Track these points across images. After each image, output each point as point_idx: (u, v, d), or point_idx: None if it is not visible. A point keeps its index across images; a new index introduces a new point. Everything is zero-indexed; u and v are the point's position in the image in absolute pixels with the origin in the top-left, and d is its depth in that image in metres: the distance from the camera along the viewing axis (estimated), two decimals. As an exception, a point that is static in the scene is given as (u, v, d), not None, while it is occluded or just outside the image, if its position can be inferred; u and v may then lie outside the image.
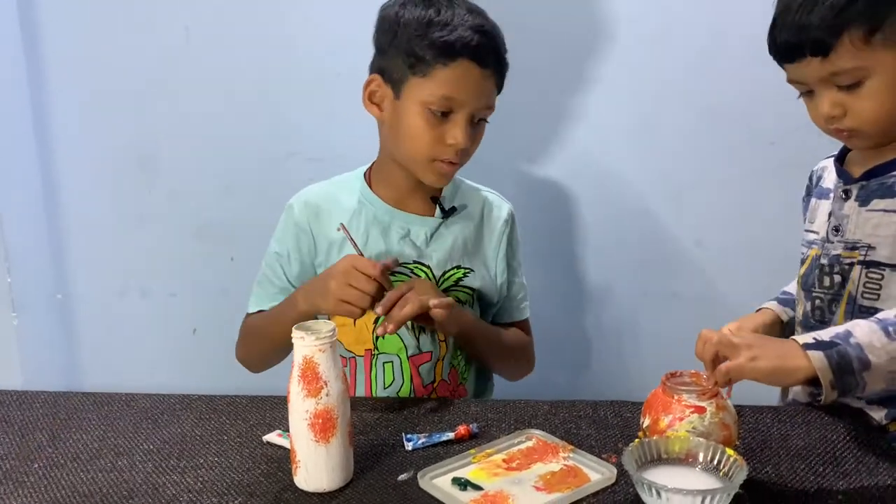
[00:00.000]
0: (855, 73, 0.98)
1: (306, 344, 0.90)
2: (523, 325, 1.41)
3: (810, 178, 1.26)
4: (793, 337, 0.91)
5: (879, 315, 0.91)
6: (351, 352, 1.30)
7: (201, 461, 1.01)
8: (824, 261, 1.11)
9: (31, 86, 1.72)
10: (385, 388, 1.29)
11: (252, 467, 0.99)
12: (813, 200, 1.20)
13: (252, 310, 1.37)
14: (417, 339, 1.29)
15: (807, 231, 1.20)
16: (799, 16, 0.98)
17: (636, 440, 0.91)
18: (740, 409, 0.97)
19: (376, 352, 1.29)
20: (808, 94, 1.06)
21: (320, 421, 0.90)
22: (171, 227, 1.78)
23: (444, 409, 1.15)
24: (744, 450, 0.98)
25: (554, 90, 1.59)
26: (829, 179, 1.17)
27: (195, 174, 1.75)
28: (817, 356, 0.87)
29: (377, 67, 1.24)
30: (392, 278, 1.22)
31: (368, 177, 1.34)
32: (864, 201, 1.07)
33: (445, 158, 1.22)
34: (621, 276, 1.62)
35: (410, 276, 1.28)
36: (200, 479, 0.97)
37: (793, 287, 1.27)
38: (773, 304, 1.26)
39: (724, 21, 1.54)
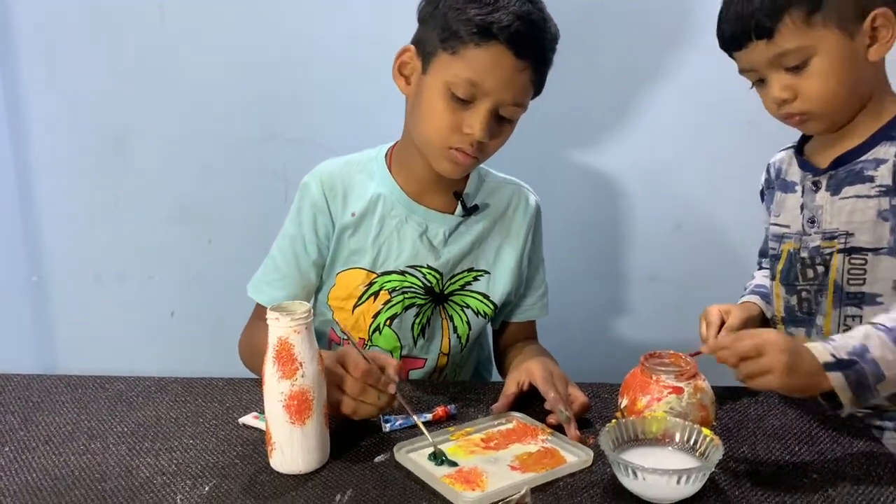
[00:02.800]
0: (800, 52, 1.01)
1: (281, 325, 0.89)
2: (532, 326, 1.34)
3: (768, 171, 1.25)
4: (810, 347, 0.89)
5: (888, 324, 0.90)
6: (346, 335, 1.25)
7: (176, 443, 1.00)
8: (804, 254, 1.11)
9: (2, 67, 1.69)
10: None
11: (227, 449, 0.98)
12: (778, 194, 1.19)
13: (251, 293, 1.27)
14: (415, 343, 1.25)
15: (774, 225, 1.19)
16: (741, 6, 1.04)
17: (613, 420, 0.91)
18: (718, 391, 0.97)
19: (370, 343, 1.25)
20: (759, 83, 1.09)
21: (295, 402, 0.89)
22: (148, 209, 1.76)
23: (423, 391, 1.15)
24: (720, 430, 0.99)
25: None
26: (793, 172, 1.17)
27: (171, 156, 1.72)
28: (837, 377, 0.87)
29: (415, 38, 1.15)
30: (403, 283, 1.22)
31: (389, 159, 1.25)
32: (835, 190, 1.08)
33: (461, 148, 1.12)
34: (599, 259, 1.62)
35: (422, 282, 1.22)
36: (175, 461, 0.95)
37: (764, 280, 1.26)
38: (757, 299, 1.24)
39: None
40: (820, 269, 1.09)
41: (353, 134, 1.59)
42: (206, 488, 0.89)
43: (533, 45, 1.09)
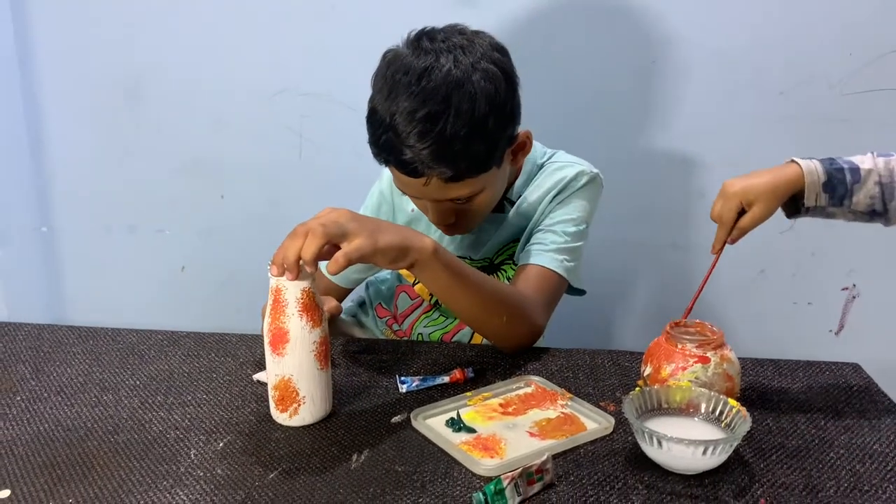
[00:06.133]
0: None
1: (304, 276, 0.88)
2: (530, 274, 1.16)
3: None
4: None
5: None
6: (420, 295, 1.31)
7: (189, 398, 0.99)
8: None
9: (13, 15, 1.65)
10: (425, 327, 1.31)
11: (241, 406, 0.97)
12: None
13: None
14: None
15: None
16: None
17: (637, 388, 0.89)
18: (740, 362, 0.95)
19: (435, 309, 1.30)
20: None
21: (323, 348, 0.91)
22: (160, 161, 1.73)
23: (440, 353, 1.13)
24: (743, 402, 0.96)
25: (552, 31, 1.54)
26: None
27: (184, 108, 1.69)
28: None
29: None
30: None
31: None
32: None
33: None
34: (620, 227, 1.58)
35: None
36: (188, 416, 0.94)
37: (863, 160, 0.97)
38: (811, 164, 0.97)
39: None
40: None
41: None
42: (221, 444, 0.88)
43: (422, 164, 1.03)
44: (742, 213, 0.97)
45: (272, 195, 1.70)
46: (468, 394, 0.98)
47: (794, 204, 0.99)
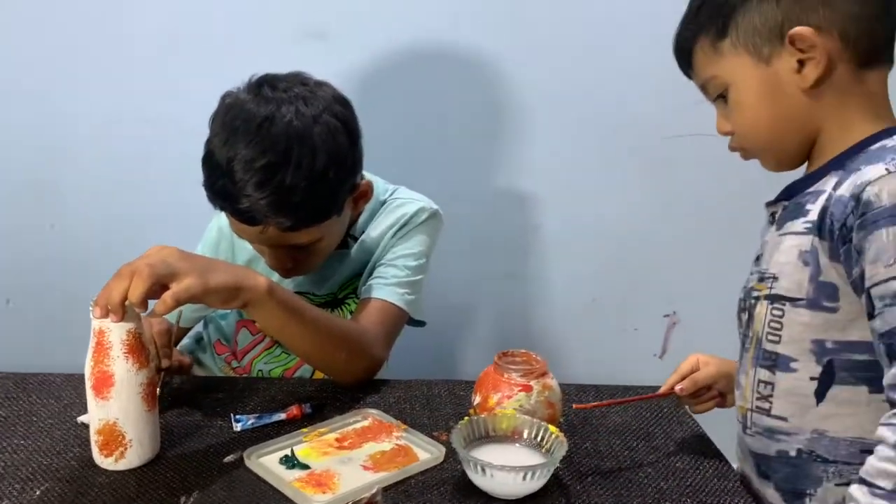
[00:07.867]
0: (714, 83, 0.91)
1: (130, 317, 0.86)
2: (372, 308, 1.18)
3: None
4: None
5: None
6: (262, 331, 1.28)
7: (5, 444, 0.93)
8: (741, 294, 0.97)
9: None
10: (266, 364, 1.28)
11: (63, 451, 0.93)
12: None
13: None
14: None
15: None
16: (680, 28, 0.94)
17: (465, 418, 0.93)
18: (564, 389, 1.01)
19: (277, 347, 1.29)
20: None
21: (150, 389, 0.89)
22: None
23: (278, 389, 1.12)
24: (566, 427, 1.03)
25: (400, 67, 1.58)
26: None
27: (13, 130, 1.59)
28: None
29: None
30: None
31: None
32: (779, 224, 0.90)
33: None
34: (459, 258, 1.64)
35: (314, 302, 1.22)
36: (2, 463, 0.89)
37: None
38: None
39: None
40: (744, 315, 0.95)
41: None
42: (37, 492, 0.84)
43: (259, 215, 1.03)
44: None
45: (107, 225, 1.63)
46: (304, 430, 0.99)
47: None
